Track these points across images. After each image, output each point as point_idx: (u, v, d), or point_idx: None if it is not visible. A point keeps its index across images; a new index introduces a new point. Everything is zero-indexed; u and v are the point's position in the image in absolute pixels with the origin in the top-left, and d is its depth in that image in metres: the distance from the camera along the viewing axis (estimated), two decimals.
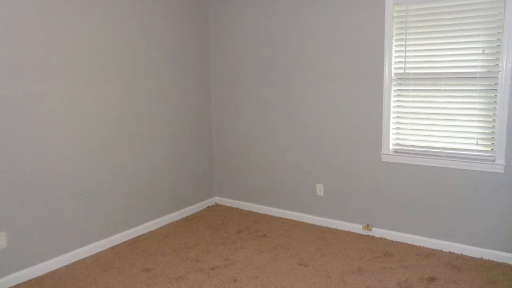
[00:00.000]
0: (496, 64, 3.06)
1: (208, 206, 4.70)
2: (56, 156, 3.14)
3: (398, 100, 3.51)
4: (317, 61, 3.86)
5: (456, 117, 3.27)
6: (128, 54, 3.65)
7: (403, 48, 3.42)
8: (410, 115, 3.47)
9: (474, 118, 3.20)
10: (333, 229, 3.91)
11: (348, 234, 3.78)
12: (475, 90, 3.17)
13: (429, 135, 3.40)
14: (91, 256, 3.38)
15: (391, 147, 3.58)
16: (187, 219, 4.26)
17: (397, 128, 3.55)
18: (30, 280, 2.99)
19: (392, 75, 3.50)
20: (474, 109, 3.19)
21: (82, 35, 3.26)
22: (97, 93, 3.41)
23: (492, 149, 3.15)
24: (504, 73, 3.02)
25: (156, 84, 3.95)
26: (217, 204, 4.79)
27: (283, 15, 4.00)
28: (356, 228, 3.83)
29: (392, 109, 3.54)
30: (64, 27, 3.13)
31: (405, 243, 3.55)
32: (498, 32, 3.03)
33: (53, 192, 3.13)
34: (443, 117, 3.33)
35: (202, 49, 4.48)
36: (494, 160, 3.13)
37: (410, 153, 3.49)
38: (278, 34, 4.06)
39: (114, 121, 3.57)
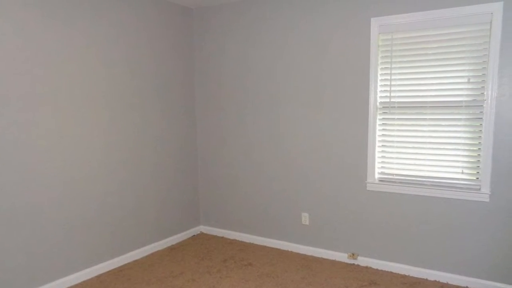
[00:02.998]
0: (482, 93, 3.05)
1: (194, 235, 4.66)
2: (41, 185, 3.11)
3: (383, 129, 3.49)
4: (303, 90, 3.84)
5: (442, 146, 3.26)
6: (113, 83, 3.62)
7: (389, 77, 3.41)
8: (395, 144, 3.45)
9: (459, 147, 3.19)
10: (319, 258, 3.88)
11: (333, 263, 3.76)
12: (460, 119, 3.16)
13: (415, 164, 3.39)
14: (76, 285, 3.35)
15: (377, 175, 3.56)
16: (172, 248, 4.22)
17: (382, 156, 3.53)
18: None
19: (378, 103, 3.48)
20: (459, 137, 3.18)
21: (67, 65, 3.24)
22: (82, 122, 3.39)
23: (478, 178, 3.14)
24: (489, 102, 3.01)
25: (141, 113, 3.92)
26: (202, 233, 4.75)
27: (268, 44, 3.98)
28: (341, 257, 3.80)
29: (378, 138, 3.52)
30: (50, 57, 3.11)
31: (391, 272, 3.53)
32: (484, 61, 3.02)
33: (38, 220, 3.10)
34: (428, 145, 3.31)
35: (187, 78, 4.46)
36: (480, 189, 3.12)
37: (395, 182, 3.47)
38: (264, 63, 4.04)
39: (99, 150, 3.54)
